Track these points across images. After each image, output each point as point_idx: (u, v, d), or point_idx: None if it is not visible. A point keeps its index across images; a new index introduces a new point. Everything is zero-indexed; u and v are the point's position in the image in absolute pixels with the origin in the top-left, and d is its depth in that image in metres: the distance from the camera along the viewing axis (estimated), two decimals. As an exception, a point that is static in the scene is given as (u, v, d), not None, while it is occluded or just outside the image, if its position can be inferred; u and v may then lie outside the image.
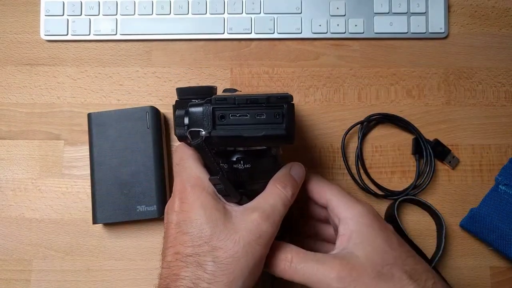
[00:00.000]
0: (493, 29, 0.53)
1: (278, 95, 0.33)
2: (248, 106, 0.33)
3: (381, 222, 0.36)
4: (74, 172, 0.51)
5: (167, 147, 0.51)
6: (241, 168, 0.36)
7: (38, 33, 0.53)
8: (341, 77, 0.52)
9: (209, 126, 0.32)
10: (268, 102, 0.33)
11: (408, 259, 0.34)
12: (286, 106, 0.33)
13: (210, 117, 0.32)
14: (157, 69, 0.52)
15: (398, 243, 0.35)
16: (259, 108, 0.33)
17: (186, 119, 0.33)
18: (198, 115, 0.33)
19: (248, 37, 0.52)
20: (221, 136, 0.32)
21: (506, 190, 0.48)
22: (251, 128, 0.33)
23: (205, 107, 0.33)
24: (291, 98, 0.33)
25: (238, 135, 0.32)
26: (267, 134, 0.32)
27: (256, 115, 0.33)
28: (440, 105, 0.52)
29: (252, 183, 0.37)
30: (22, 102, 0.52)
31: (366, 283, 0.32)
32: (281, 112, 0.33)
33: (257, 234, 0.33)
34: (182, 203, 0.35)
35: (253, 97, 0.33)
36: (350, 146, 0.51)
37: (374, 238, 0.34)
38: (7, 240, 0.50)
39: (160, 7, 0.52)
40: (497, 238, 0.47)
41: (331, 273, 0.32)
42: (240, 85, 0.52)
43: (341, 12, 0.52)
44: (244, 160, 0.36)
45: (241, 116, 0.33)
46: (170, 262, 0.33)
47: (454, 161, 0.50)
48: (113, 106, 0.52)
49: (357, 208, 0.36)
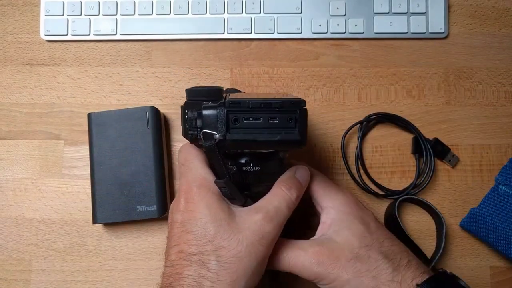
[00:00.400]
0: (493, 29, 0.53)
1: (291, 99, 0.33)
2: (262, 110, 0.33)
3: (361, 209, 0.38)
4: (74, 172, 0.51)
5: (167, 147, 0.51)
6: (251, 171, 0.36)
7: (38, 33, 0.53)
8: (341, 77, 0.52)
9: (223, 129, 0.33)
10: (282, 106, 0.33)
11: (385, 241, 0.36)
12: (300, 111, 0.33)
13: (224, 120, 0.33)
14: (157, 69, 0.52)
15: (376, 226, 0.37)
16: (273, 112, 0.33)
17: (199, 121, 0.34)
18: (212, 118, 0.33)
19: (248, 37, 0.52)
20: (235, 140, 0.33)
21: (506, 190, 0.48)
22: (264, 132, 0.33)
23: (219, 110, 0.33)
24: (304, 103, 0.33)
25: (253, 139, 0.33)
26: (282, 139, 0.32)
27: (269, 119, 0.33)
28: (440, 105, 0.52)
29: (259, 185, 0.37)
30: (22, 102, 0.52)
31: (343, 265, 0.34)
32: (294, 117, 0.33)
33: (260, 235, 0.33)
34: (187, 203, 0.35)
35: (267, 101, 0.33)
36: (350, 146, 0.51)
37: (352, 223, 0.37)
38: (7, 240, 0.50)
39: (160, 7, 0.52)
40: (497, 238, 0.47)
41: (312, 258, 0.34)
42: (240, 85, 0.52)
43: (341, 12, 0.52)
44: (253, 163, 0.36)
45: (254, 120, 0.33)
46: (174, 261, 0.34)
47: (454, 160, 0.50)
48: (113, 106, 0.52)
49: (338, 198, 0.38)
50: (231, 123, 0.33)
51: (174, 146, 0.51)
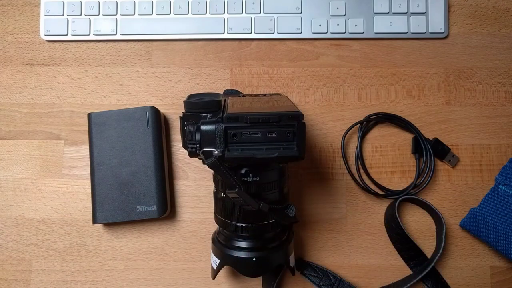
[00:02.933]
0: (493, 29, 0.53)
1: (289, 113, 0.33)
2: (260, 125, 0.33)
3: None
4: (74, 172, 0.51)
5: (167, 147, 0.51)
6: (251, 181, 0.37)
7: (38, 33, 0.53)
8: (341, 77, 0.52)
9: (222, 145, 0.33)
10: (280, 121, 0.33)
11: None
12: (298, 125, 0.33)
13: (223, 136, 0.33)
14: (157, 69, 0.52)
15: None
16: (271, 127, 0.33)
17: (197, 135, 0.34)
18: (210, 133, 0.33)
19: (248, 37, 0.52)
20: (234, 157, 0.33)
21: (506, 190, 0.48)
22: (263, 148, 0.33)
23: (217, 125, 0.33)
24: (302, 117, 0.33)
25: (251, 157, 0.33)
26: (280, 155, 0.33)
27: (267, 133, 0.33)
28: (440, 105, 0.52)
29: (260, 194, 0.37)
30: (22, 102, 0.52)
31: None
32: (292, 131, 0.33)
33: None
34: None
35: (264, 115, 0.33)
36: (350, 146, 0.51)
37: None
38: (7, 240, 0.50)
39: (160, 7, 0.52)
40: (497, 238, 0.47)
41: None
42: (240, 85, 0.52)
43: (341, 12, 0.52)
44: (253, 173, 0.36)
45: (253, 135, 0.33)
46: None
47: (454, 160, 0.50)
48: (113, 106, 0.52)
49: None
50: (229, 138, 0.33)
51: (174, 146, 0.51)
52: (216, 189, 0.41)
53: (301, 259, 0.49)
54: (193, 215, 0.50)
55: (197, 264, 0.49)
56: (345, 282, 0.48)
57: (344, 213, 0.50)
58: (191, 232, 0.50)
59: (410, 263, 0.48)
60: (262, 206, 0.36)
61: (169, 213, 0.50)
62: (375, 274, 0.49)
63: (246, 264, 0.39)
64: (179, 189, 0.50)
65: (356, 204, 0.50)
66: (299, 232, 0.49)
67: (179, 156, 0.51)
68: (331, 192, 0.50)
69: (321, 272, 0.48)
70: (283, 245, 0.41)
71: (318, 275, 0.48)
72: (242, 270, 0.40)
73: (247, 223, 0.38)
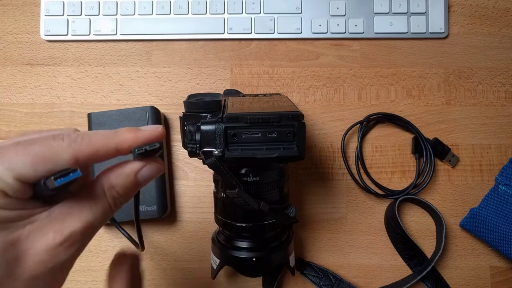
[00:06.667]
0: (493, 29, 0.53)
1: (289, 113, 0.33)
2: (260, 125, 0.33)
3: None
4: (74, 172, 0.50)
5: (167, 147, 0.51)
6: (251, 181, 0.37)
7: (38, 33, 0.53)
8: (341, 77, 0.52)
9: (221, 145, 0.33)
10: (280, 121, 0.33)
11: None
12: (298, 125, 0.33)
13: (223, 136, 0.33)
14: (157, 69, 0.52)
15: None
16: (271, 127, 0.33)
17: (197, 135, 0.34)
18: (210, 133, 0.33)
19: (248, 37, 0.52)
20: (234, 157, 0.33)
21: (506, 190, 0.48)
22: (263, 148, 0.33)
23: (217, 125, 0.33)
24: (302, 117, 0.34)
25: (251, 157, 0.33)
26: (280, 155, 0.33)
27: (267, 133, 0.33)
28: (440, 105, 0.51)
29: (260, 194, 0.38)
30: (22, 102, 0.52)
31: None
32: (292, 131, 0.33)
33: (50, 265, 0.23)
34: None
35: (264, 116, 0.33)
36: (350, 146, 0.51)
37: None
38: (7, 240, 0.49)
39: (160, 7, 0.52)
40: (497, 238, 0.47)
41: None
42: (240, 85, 0.52)
43: (341, 12, 0.52)
44: (253, 173, 0.37)
45: (253, 135, 0.33)
46: None
47: (454, 160, 0.50)
48: (113, 106, 0.52)
49: None
50: (229, 138, 0.33)
51: (174, 146, 0.51)
52: (216, 189, 0.41)
53: (301, 259, 0.49)
54: (193, 215, 0.50)
55: (197, 264, 0.49)
56: (345, 282, 0.48)
57: (344, 213, 0.50)
58: (191, 232, 0.50)
59: (410, 263, 0.48)
60: (262, 206, 0.36)
61: (169, 213, 0.50)
62: (375, 274, 0.49)
63: (246, 264, 0.39)
64: (179, 189, 0.50)
65: (356, 204, 0.50)
66: (299, 232, 0.49)
67: (179, 156, 0.51)
68: (331, 192, 0.50)
69: (321, 272, 0.48)
70: (283, 245, 0.41)
71: (318, 275, 0.48)
72: (242, 270, 0.40)
73: (247, 223, 0.38)
